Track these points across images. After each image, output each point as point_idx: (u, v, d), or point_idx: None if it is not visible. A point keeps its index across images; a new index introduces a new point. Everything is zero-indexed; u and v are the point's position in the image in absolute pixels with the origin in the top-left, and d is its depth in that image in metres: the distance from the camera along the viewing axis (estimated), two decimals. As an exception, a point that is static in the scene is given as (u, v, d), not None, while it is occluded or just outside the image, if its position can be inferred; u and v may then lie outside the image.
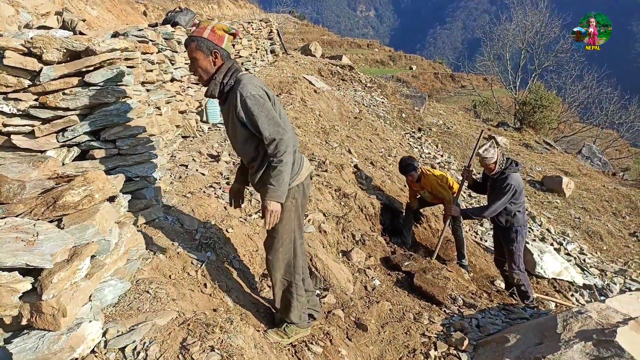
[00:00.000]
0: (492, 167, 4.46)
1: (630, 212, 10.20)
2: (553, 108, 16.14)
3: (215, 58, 2.37)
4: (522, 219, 4.53)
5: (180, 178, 4.09)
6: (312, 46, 17.36)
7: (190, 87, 5.90)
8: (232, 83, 2.38)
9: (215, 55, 2.36)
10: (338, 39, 43.49)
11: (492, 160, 4.40)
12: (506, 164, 4.46)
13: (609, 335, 2.88)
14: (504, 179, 4.36)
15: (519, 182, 4.44)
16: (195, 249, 3.07)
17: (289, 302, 2.66)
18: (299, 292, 2.67)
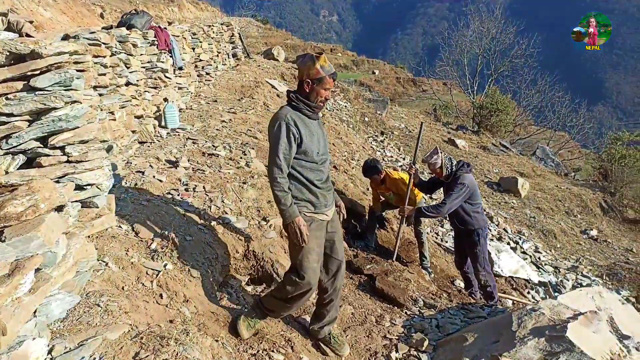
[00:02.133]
0: (439, 171, 4.59)
1: (581, 210, 10.70)
2: (508, 112, 16.75)
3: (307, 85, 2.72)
4: (481, 219, 4.66)
5: (136, 185, 3.97)
6: (275, 50, 17.32)
7: (147, 91, 5.76)
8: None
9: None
10: (301, 44, 43.53)
11: (438, 165, 4.53)
12: (457, 166, 4.58)
13: (560, 331, 2.99)
14: (457, 179, 4.50)
15: (472, 182, 4.57)
16: (150, 259, 2.98)
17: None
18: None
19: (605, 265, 7.84)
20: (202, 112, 6.96)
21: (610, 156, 14.06)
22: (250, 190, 4.41)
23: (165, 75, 6.28)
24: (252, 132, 6.46)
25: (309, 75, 2.66)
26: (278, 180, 2.58)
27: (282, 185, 2.59)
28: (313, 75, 2.65)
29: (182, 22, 14.70)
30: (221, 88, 8.94)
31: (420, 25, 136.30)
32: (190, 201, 3.90)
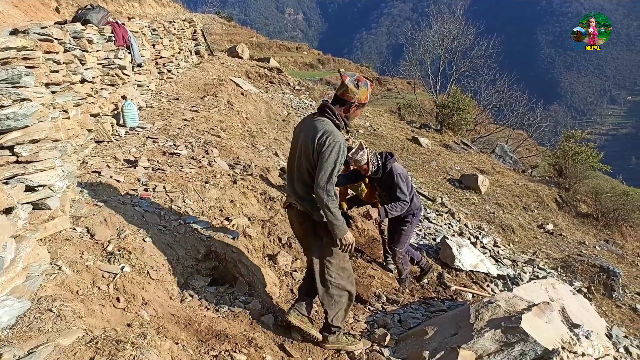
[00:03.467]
0: (365, 167, 4.49)
1: (538, 205, 11.13)
2: (469, 111, 17.19)
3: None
4: (417, 202, 4.72)
5: (92, 186, 3.84)
6: (239, 48, 17.13)
7: (104, 89, 5.57)
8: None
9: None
10: (267, 42, 43.23)
11: (364, 161, 4.46)
12: (383, 158, 4.53)
13: (515, 322, 3.11)
14: (390, 172, 4.47)
15: (402, 168, 4.59)
16: (107, 261, 2.89)
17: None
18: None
19: (560, 258, 8.19)
20: (163, 110, 6.80)
21: (564, 153, 14.66)
22: (212, 190, 4.35)
23: (124, 72, 6.09)
24: (215, 131, 6.38)
25: (360, 99, 2.82)
26: (334, 198, 2.76)
27: (336, 202, 2.78)
28: (363, 100, 2.85)
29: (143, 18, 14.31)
30: (183, 86, 8.77)
31: (385, 25, 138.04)
32: (149, 202, 3.81)
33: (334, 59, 44.78)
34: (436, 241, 6.76)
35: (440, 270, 5.69)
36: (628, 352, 5.87)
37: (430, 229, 7.42)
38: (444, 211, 8.59)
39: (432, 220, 7.86)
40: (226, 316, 3.21)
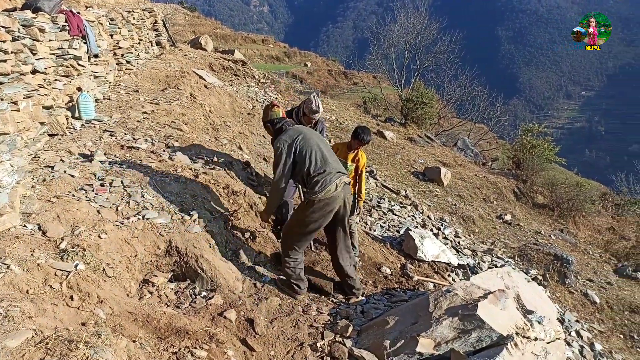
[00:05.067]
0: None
1: (497, 197, 11.52)
2: (433, 105, 17.54)
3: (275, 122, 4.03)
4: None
5: (44, 181, 3.68)
6: (203, 39, 16.78)
7: (57, 80, 5.34)
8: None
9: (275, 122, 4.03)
10: (232, 34, 42.56)
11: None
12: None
13: (472, 310, 3.21)
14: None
15: None
16: (60, 259, 2.79)
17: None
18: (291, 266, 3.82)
19: (517, 247, 8.52)
20: (122, 102, 6.59)
21: (522, 146, 15.21)
22: (173, 184, 4.26)
23: (79, 63, 5.85)
24: (177, 124, 6.23)
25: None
26: None
27: None
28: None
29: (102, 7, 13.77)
30: (143, 78, 8.52)
31: (351, 19, 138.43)
32: (106, 197, 3.69)
33: (300, 52, 44.65)
34: (400, 233, 6.89)
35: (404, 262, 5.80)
36: (579, 335, 6.19)
37: (394, 221, 7.55)
38: (407, 203, 8.75)
39: (396, 212, 8.00)
40: (187, 312, 3.17)
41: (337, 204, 3.70)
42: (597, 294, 7.77)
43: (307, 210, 3.68)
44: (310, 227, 3.74)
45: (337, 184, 3.66)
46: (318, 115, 4.75)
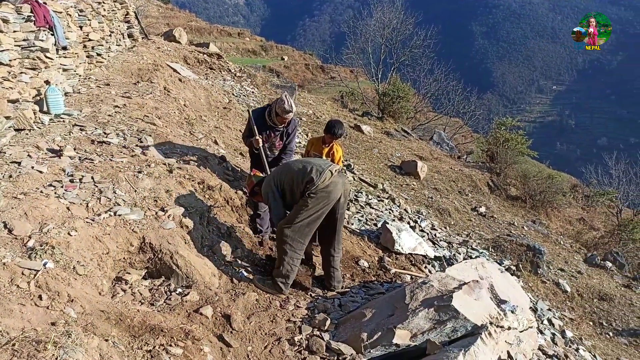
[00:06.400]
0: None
1: (472, 190, 11.73)
2: (409, 99, 17.71)
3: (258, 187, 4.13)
4: None
5: (10, 177, 3.55)
6: (177, 32, 16.46)
7: (23, 73, 5.15)
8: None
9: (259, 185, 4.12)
10: (207, 26, 41.86)
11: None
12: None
13: (447, 300, 3.26)
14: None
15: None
16: (27, 257, 2.70)
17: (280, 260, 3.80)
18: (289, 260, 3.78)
19: (491, 239, 8.70)
20: (92, 96, 6.40)
21: (495, 140, 15.50)
22: (146, 180, 4.17)
23: (46, 55, 5.65)
24: (150, 118, 6.10)
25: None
26: None
27: None
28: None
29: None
30: (115, 71, 8.31)
31: (327, 13, 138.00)
32: (76, 193, 3.59)
33: (277, 46, 44.25)
34: (377, 226, 6.93)
35: (382, 255, 5.85)
36: (551, 323, 6.37)
37: (372, 215, 7.59)
38: (385, 197, 8.81)
39: (373, 206, 8.04)
40: (161, 310, 3.12)
41: (338, 192, 3.76)
42: (568, 283, 8.02)
43: (307, 203, 3.67)
44: (313, 220, 3.73)
45: (331, 171, 3.73)
46: (291, 115, 4.65)
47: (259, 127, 4.69)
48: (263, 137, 4.71)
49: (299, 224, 3.72)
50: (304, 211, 3.69)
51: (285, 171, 3.94)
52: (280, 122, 4.69)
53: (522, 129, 18.18)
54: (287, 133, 4.90)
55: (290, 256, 3.76)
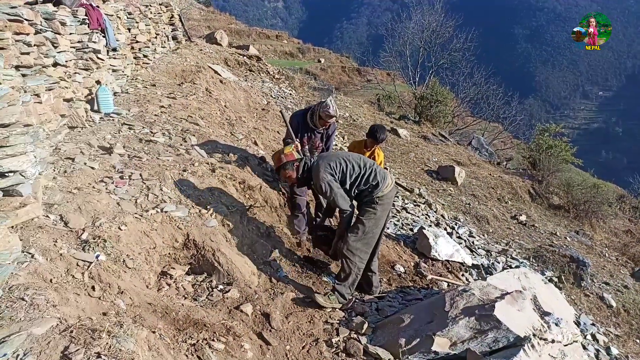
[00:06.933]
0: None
1: (511, 197, 11.40)
2: (447, 103, 17.40)
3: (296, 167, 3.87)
4: None
5: (65, 172, 3.74)
6: (218, 34, 16.84)
7: (77, 73, 5.40)
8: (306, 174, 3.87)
9: (296, 166, 3.87)
10: (246, 29, 42.57)
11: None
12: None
13: (489, 310, 3.19)
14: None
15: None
16: (82, 249, 2.83)
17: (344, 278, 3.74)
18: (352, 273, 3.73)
19: (532, 248, 8.42)
20: (139, 96, 6.65)
21: (538, 146, 15.00)
22: (190, 178, 4.29)
23: (98, 56, 5.92)
24: (194, 118, 6.28)
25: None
26: None
27: None
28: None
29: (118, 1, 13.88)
30: (160, 72, 8.59)
31: (365, 15, 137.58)
32: (125, 189, 3.74)
33: (314, 49, 44.42)
34: (413, 231, 6.85)
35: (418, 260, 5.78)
36: (595, 338, 6.11)
37: (408, 219, 7.51)
38: (421, 202, 8.70)
39: (409, 210, 7.96)
40: (204, 305, 3.20)
41: (392, 198, 3.83)
42: (613, 298, 7.66)
43: (375, 210, 3.67)
44: (378, 226, 3.76)
45: (391, 177, 3.82)
46: (334, 119, 4.78)
47: (300, 129, 4.81)
48: (305, 138, 4.83)
49: (367, 233, 3.70)
50: (371, 219, 3.67)
51: (339, 160, 3.74)
52: (322, 125, 4.76)
53: (565, 136, 17.54)
54: (327, 135, 4.98)
55: (359, 267, 3.75)
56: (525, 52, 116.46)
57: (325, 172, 3.66)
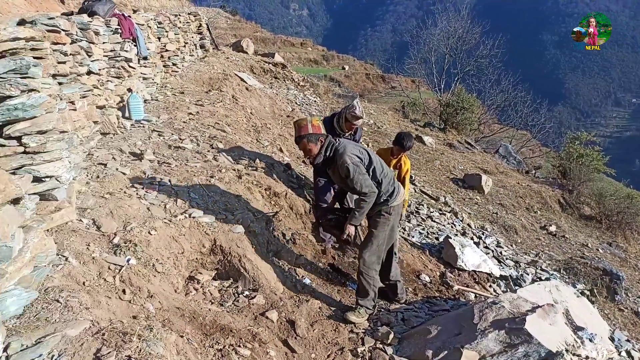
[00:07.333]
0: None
1: (541, 207, 11.11)
2: (473, 110, 17.15)
3: (320, 142, 3.50)
4: None
5: (98, 178, 3.84)
6: (244, 43, 17.09)
7: (110, 81, 5.56)
8: (331, 154, 3.52)
9: (320, 141, 3.50)
10: (271, 37, 43.10)
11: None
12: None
13: (519, 323, 3.10)
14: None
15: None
16: (113, 253, 2.90)
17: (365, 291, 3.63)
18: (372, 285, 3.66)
19: (563, 260, 8.17)
20: (168, 103, 6.80)
21: (569, 155, 14.59)
22: (217, 185, 4.35)
23: (129, 64, 6.08)
24: (220, 125, 6.37)
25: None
26: None
27: None
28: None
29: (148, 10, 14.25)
30: (188, 79, 8.76)
31: (390, 22, 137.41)
32: (155, 195, 3.81)
33: (339, 56, 44.58)
34: (439, 240, 6.75)
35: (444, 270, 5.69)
36: (630, 356, 5.85)
37: (433, 228, 7.41)
38: (447, 210, 8.58)
39: (435, 219, 7.85)
40: (230, 311, 3.22)
41: (400, 210, 3.79)
42: (649, 313, 7.35)
43: (389, 219, 3.63)
44: (390, 235, 3.72)
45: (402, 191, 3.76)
46: (360, 122, 4.76)
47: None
48: None
49: (380, 245, 3.66)
50: (385, 230, 3.62)
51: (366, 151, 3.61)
52: (348, 129, 4.75)
53: (597, 144, 17.02)
54: (353, 140, 4.95)
55: (375, 279, 3.70)
56: (554, 58, 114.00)
57: (353, 154, 3.47)
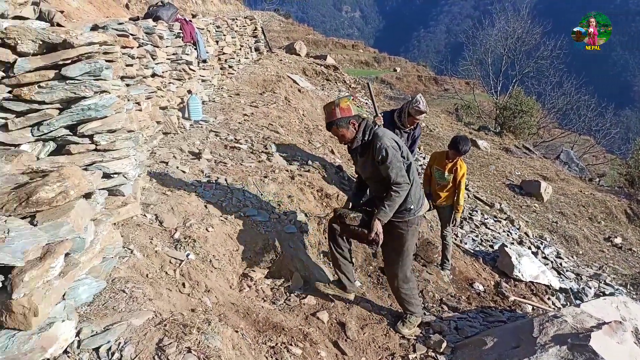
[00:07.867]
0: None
1: (605, 217, 10.46)
2: (532, 113, 16.43)
3: (353, 125, 3.13)
4: None
5: (160, 175, 4.02)
6: (297, 45, 17.32)
7: (171, 83, 5.81)
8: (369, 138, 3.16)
9: (352, 124, 3.13)
10: (323, 39, 43.41)
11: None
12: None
13: (584, 340, 2.93)
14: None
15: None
16: (174, 248, 3.02)
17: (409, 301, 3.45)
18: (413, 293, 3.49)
19: (630, 275, 7.64)
20: (225, 105, 7.01)
21: (637, 163, 13.67)
22: (271, 185, 4.43)
23: (190, 67, 6.33)
24: (274, 126, 6.49)
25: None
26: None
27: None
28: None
29: (206, 15, 14.79)
30: (243, 81, 8.99)
31: (444, 23, 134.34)
32: (212, 193, 3.94)
33: (390, 58, 44.17)
34: (494, 248, 6.52)
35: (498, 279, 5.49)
36: None
37: (488, 235, 7.16)
38: (502, 217, 8.26)
39: (489, 226, 7.58)
40: (282, 309, 3.26)
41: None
42: None
43: (414, 231, 3.35)
44: (414, 245, 3.67)
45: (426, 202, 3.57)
46: (423, 116, 4.68)
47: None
48: None
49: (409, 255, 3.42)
50: (413, 240, 3.43)
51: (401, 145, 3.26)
52: (410, 124, 4.69)
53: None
54: (413, 137, 4.88)
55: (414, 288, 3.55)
56: (621, 59, 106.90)
57: (393, 139, 3.19)
